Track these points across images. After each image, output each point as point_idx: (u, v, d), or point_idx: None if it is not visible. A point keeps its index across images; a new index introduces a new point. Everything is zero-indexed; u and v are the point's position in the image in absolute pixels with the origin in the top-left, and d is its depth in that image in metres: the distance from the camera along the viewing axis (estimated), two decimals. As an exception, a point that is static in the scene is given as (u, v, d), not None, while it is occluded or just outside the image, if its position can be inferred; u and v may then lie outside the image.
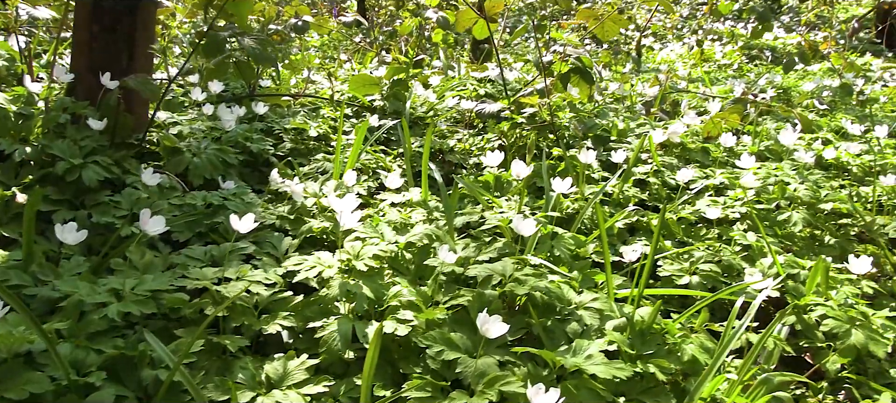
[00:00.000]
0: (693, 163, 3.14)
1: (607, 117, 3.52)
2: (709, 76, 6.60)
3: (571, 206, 2.54)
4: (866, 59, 8.02)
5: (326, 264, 1.82)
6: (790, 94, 5.56)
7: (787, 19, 10.26)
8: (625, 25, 3.69)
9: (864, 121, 4.76)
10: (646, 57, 8.13)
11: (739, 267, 2.25)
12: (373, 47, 6.76)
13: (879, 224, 2.68)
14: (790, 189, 2.65)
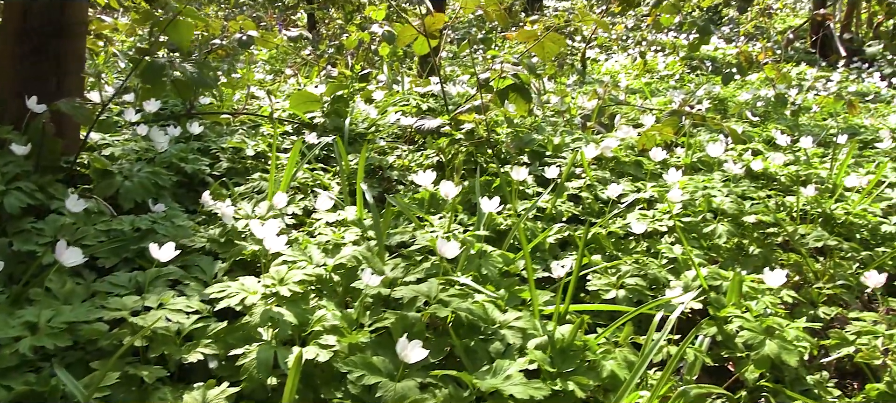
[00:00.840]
0: (626, 177, 3.21)
1: (544, 132, 3.57)
2: (650, 87, 6.76)
3: (504, 223, 2.58)
4: (801, 68, 8.31)
5: (250, 290, 1.81)
6: (726, 105, 5.72)
7: (727, 30, 10.56)
8: (563, 44, 3.76)
9: (795, 130, 4.94)
10: (591, 68, 8.27)
11: (665, 280, 2.31)
12: (319, 62, 6.74)
13: (801, 233, 2.78)
14: (715, 201, 2.73)
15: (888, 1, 8.58)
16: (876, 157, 4.11)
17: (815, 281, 2.68)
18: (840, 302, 2.53)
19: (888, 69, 8.01)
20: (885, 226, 3.02)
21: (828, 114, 5.79)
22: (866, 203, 3.28)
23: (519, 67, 3.44)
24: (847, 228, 3.00)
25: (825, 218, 3.07)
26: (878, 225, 3.02)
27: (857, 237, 2.98)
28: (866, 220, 3.01)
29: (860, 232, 2.99)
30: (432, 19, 3.62)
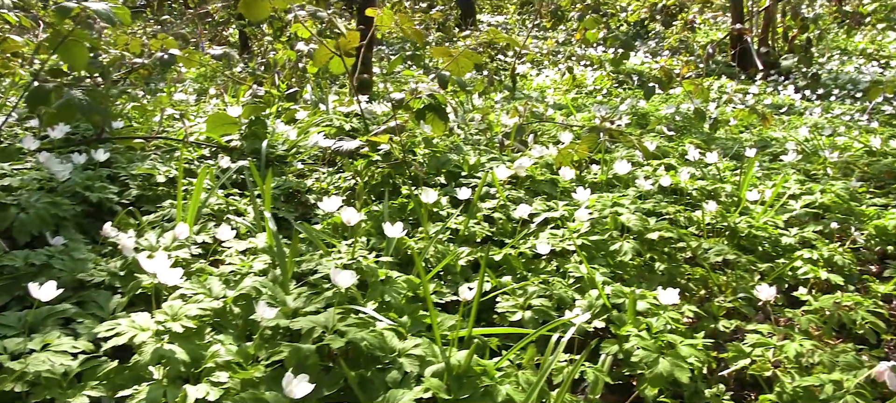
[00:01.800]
0: (541, 196, 3.26)
1: (461, 152, 3.60)
2: (576, 102, 6.90)
3: (416, 246, 2.58)
4: (722, 81, 8.61)
5: (140, 327, 1.77)
6: (648, 120, 5.88)
7: (653, 44, 10.86)
8: (478, 60, 3.80)
9: (710, 144, 5.11)
10: (521, 83, 8.39)
11: (570, 299, 2.36)
12: (246, 80, 6.64)
13: (704, 247, 2.87)
14: (622, 219, 2.80)
15: (801, 16, 8.98)
16: (782, 169, 4.29)
17: (718, 294, 2.78)
18: (740, 314, 2.62)
19: (802, 82, 8.37)
20: (785, 238, 3.15)
21: (743, 126, 6.00)
22: (770, 215, 3.42)
23: (435, 87, 3.46)
24: (750, 241, 3.12)
25: (731, 232, 3.19)
26: (779, 237, 3.15)
27: (760, 249, 3.10)
28: (768, 233, 3.14)
29: (762, 244, 3.11)
30: (346, 39, 3.62)
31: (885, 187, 4.34)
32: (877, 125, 6.26)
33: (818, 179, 4.34)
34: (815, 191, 3.72)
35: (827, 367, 2.24)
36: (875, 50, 10.18)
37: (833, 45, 10.62)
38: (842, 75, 8.71)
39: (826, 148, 4.74)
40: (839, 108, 6.98)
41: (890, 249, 3.40)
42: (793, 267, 2.88)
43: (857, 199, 4.10)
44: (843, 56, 10.11)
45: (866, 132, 5.96)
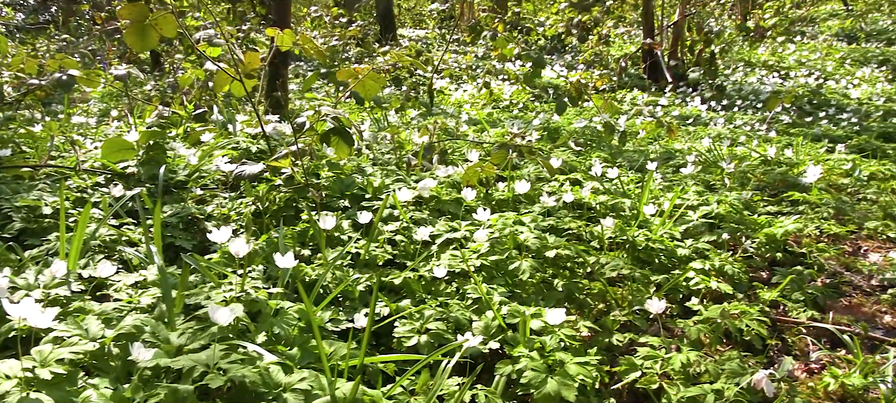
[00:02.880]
0: (446, 216, 3.28)
1: (366, 174, 3.59)
2: (491, 117, 6.98)
3: (313, 274, 2.55)
4: (634, 93, 8.89)
5: (4, 375, 1.67)
6: (559, 133, 6.00)
7: (569, 58, 11.12)
8: (384, 83, 3.80)
9: (618, 158, 5.25)
10: (439, 99, 8.44)
11: (467, 321, 2.37)
12: (153, 101, 6.44)
13: (602, 262, 2.94)
14: (521, 238, 2.84)
15: (706, 32, 9.37)
16: (682, 181, 4.44)
17: (615, 308, 2.85)
18: (634, 327, 2.70)
19: (708, 93, 8.72)
20: (680, 250, 3.26)
21: (651, 138, 6.20)
22: (668, 227, 3.53)
23: (339, 110, 3.44)
24: (647, 253, 3.21)
25: (631, 245, 3.27)
26: (675, 249, 3.26)
27: (657, 261, 3.20)
28: (664, 245, 3.24)
29: (659, 256, 3.21)
30: (248, 58, 3.56)
31: (778, 195, 4.56)
32: (774, 134, 6.57)
33: (716, 189, 4.53)
34: (711, 202, 3.87)
35: (712, 376, 2.33)
36: (776, 62, 10.71)
37: (738, 57, 11.12)
38: (745, 86, 9.12)
39: (725, 158, 4.94)
40: (741, 119, 7.30)
41: (779, 256, 3.56)
42: (686, 277, 2.99)
43: (751, 208, 4.30)
44: (747, 67, 10.59)
45: (764, 141, 6.25)
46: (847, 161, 5.55)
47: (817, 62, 10.89)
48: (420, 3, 18.86)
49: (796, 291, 3.15)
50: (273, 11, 6.98)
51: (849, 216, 4.37)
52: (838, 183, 5.19)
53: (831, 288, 3.40)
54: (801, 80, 9.72)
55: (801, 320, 2.98)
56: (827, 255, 3.71)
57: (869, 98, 8.85)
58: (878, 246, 4.05)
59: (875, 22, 14.46)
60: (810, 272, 3.41)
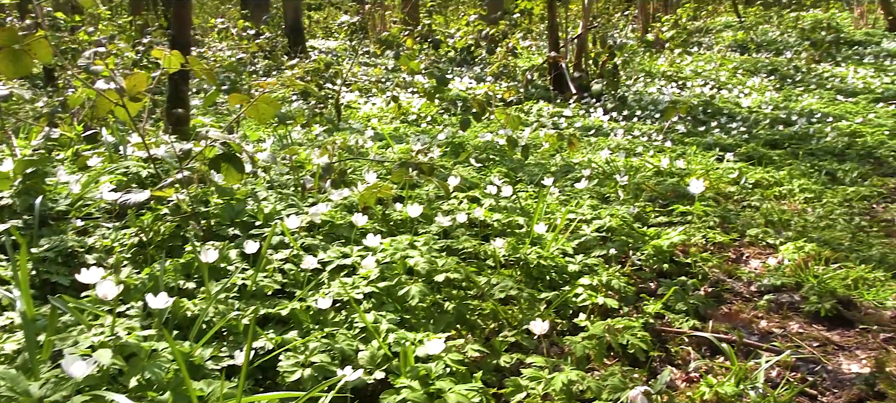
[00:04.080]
0: (340, 240, 3.25)
1: (259, 200, 3.52)
2: (398, 132, 6.99)
3: (194, 309, 2.48)
4: (540, 105, 9.08)
5: None
6: (464, 148, 6.06)
7: (478, 70, 11.27)
8: (278, 108, 3.75)
9: (519, 172, 5.35)
10: (347, 114, 8.39)
11: (353, 352, 2.35)
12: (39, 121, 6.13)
13: (493, 283, 2.99)
14: (410, 262, 2.85)
15: (608, 45, 9.69)
16: (578, 194, 4.56)
17: (506, 328, 2.90)
18: (522, 348, 2.75)
19: (610, 104, 9.01)
20: (571, 266, 3.35)
21: (553, 151, 6.34)
22: (560, 242, 3.62)
23: (230, 135, 3.36)
24: (539, 270, 3.28)
25: (524, 263, 3.34)
26: (566, 265, 3.34)
27: (548, 278, 3.27)
28: (555, 262, 3.32)
29: (550, 273, 3.29)
30: (132, 81, 3.43)
31: (668, 206, 4.75)
32: (670, 144, 6.85)
33: (611, 202, 4.68)
34: (603, 216, 4.00)
35: (595, 392, 2.40)
36: (674, 72, 11.18)
37: (639, 67, 11.54)
38: (645, 96, 9.48)
39: (621, 170, 5.12)
40: (639, 129, 7.57)
41: (666, 267, 3.71)
42: (575, 293, 3.07)
43: (644, 220, 4.46)
44: (647, 78, 11.01)
45: (660, 151, 6.50)
46: (734, 169, 5.84)
47: (712, 72, 11.44)
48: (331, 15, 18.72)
49: (680, 302, 3.29)
50: (172, 25, 6.77)
51: (733, 224, 4.60)
52: (726, 191, 5.47)
53: (713, 296, 3.56)
54: (696, 90, 10.17)
55: (683, 330, 3.11)
56: (711, 264, 3.89)
57: (758, 106, 9.35)
58: (758, 252, 4.28)
59: (765, 33, 15.32)
60: (694, 282, 3.57)
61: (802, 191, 5.62)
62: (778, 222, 4.69)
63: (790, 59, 12.68)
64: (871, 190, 5.99)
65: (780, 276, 3.77)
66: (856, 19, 16.91)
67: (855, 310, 3.49)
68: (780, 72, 11.82)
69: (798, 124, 8.30)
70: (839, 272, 3.88)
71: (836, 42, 14.06)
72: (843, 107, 9.66)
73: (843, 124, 8.45)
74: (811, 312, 3.44)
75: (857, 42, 14.80)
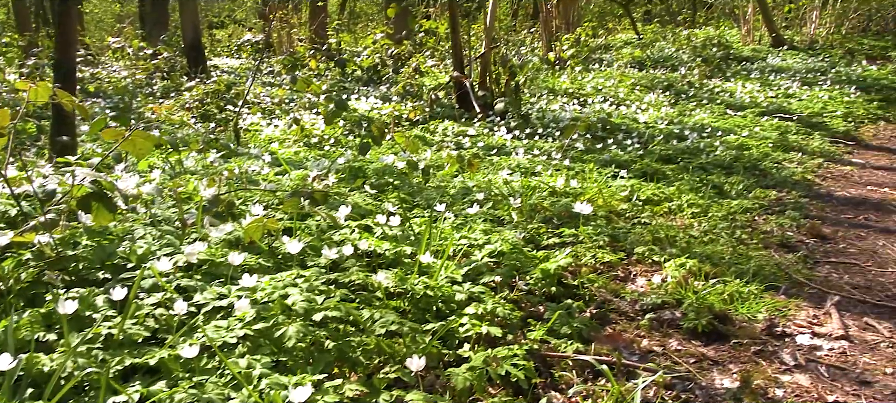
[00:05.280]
0: (220, 279, 3.16)
1: (135, 239, 3.38)
2: (298, 157, 6.88)
3: (51, 363, 2.34)
4: (445, 124, 9.14)
5: None
6: (364, 172, 6.01)
7: (384, 89, 11.26)
8: (154, 142, 3.61)
9: (417, 196, 5.34)
10: (246, 138, 8.20)
11: (224, 400, 2.28)
12: None
13: (375, 318, 2.96)
14: (289, 301, 2.79)
15: (510, 64, 9.87)
16: (471, 219, 4.59)
17: (392, 363, 2.87)
18: (403, 383, 2.73)
19: (513, 122, 9.17)
20: (459, 294, 3.36)
21: (454, 173, 6.37)
22: (450, 270, 3.63)
23: (101, 174, 3.21)
24: (426, 301, 3.27)
25: (411, 294, 3.32)
26: (454, 294, 3.35)
27: (434, 309, 3.27)
28: (442, 291, 3.32)
29: (437, 303, 3.29)
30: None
31: (561, 227, 4.84)
32: (568, 162, 7.00)
33: (505, 225, 4.73)
34: (493, 241, 4.04)
35: (473, 427, 2.40)
36: (576, 89, 11.50)
37: (544, 85, 11.80)
38: (548, 114, 9.69)
39: (516, 192, 5.19)
40: (539, 148, 7.72)
41: (554, 290, 3.78)
42: (461, 323, 3.08)
43: (536, 242, 4.54)
44: (550, 95, 11.27)
45: (557, 170, 6.65)
46: (626, 187, 6.03)
47: (612, 89, 11.83)
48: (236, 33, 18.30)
49: (564, 325, 3.35)
50: (55, 45, 6.44)
51: (622, 242, 4.74)
52: (618, 208, 5.63)
53: (599, 317, 3.65)
54: (597, 107, 10.49)
55: (567, 354, 3.16)
56: (597, 285, 3.99)
57: (654, 122, 9.71)
58: (645, 269, 4.43)
59: (661, 50, 15.99)
60: (579, 304, 3.64)
61: (690, 205, 5.85)
62: (665, 239, 4.85)
63: (684, 75, 13.27)
64: (754, 202, 6.30)
65: (663, 294, 3.91)
66: (744, 36, 17.90)
67: (729, 325, 3.66)
68: (675, 88, 12.35)
69: (690, 139, 8.66)
70: (717, 287, 4.06)
71: (726, 58, 14.83)
72: (732, 120, 10.15)
73: (731, 138, 8.87)
74: (690, 328, 3.58)
75: (745, 58, 15.66)
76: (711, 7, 22.27)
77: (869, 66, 15.30)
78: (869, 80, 13.55)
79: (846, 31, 18.20)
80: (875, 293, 4.41)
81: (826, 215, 6.29)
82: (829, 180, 7.78)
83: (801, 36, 17.99)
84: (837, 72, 13.97)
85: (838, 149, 9.27)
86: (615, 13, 23.80)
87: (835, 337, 3.63)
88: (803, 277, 4.53)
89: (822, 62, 14.98)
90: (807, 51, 16.47)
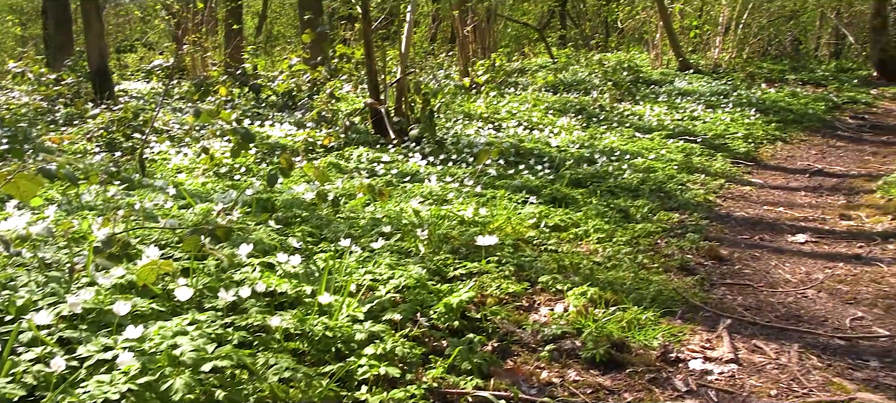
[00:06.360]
0: (108, 328, 3.03)
1: (16, 289, 3.21)
2: (205, 189, 6.71)
3: None
4: (360, 151, 9.10)
5: None
6: (274, 205, 5.92)
7: (299, 115, 11.14)
8: (39, 185, 3.46)
9: (325, 229, 5.29)
10: (153, 168, 7.94)
11: (100, 463, 2.19)
12: None
13: (270, 363, 2.91)
14: (175, 352, 2.71)
15: (424, 91, 9.94)
16: (379, 252, 4.57)
17: (286, 409, 2.82)
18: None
19: (428, 148, 9.22)
20: (358, 334, 3.34)
21: (366, 202, 6.34)
22: (351, 308, 3.60)
23: None
24: (325, 343, 3.24)
25: (310, 337, 3.28)
26: (353, 334, 3.33)
27: (333, 350, 3.24)
28: (342, 332, 3.30)
29: (336, 344, 3.26)
30: None
31: (468, 256, 4.89)
32: (480, 189, 7.08)
33: (412, 257, 4.74)
34: (397, 275, 4.04)
35: (365, 475, 2.39)
36: (491, 114, 11.67)
37: (460, 109, 11.93)
38: (463, 139, 9.78)
39: (423, 224, 5.21)
40: (452, 175, 7.78)
41: (457, 324, 3.80)
42: (359, 364, 3.06)
43: (442, 274, 4.56)
44: (466, 119, 11.40)
45: (470, 197, 6.71)
46: (534, 214, 6.14)
47: (526, 113, 12.07)
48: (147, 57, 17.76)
49: (465, 360, 3.37)
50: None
51: (527, 271, 4.83)
52: (526, 236, 5.73)
53: (500, 351, 3.70)
54: (511, 131, 10.67)
55: (467, 390, 3.19)
56: (500, 316, 4.04)
57: (566, 146, 9.94)
58: (549, 298, 4.51)
59: (575, 73, 16.46)
60: (481, 338, 3.68)
61: (596, 231, 6.00)
62: (569, 266, 4.97)
63: (596, 99, 13.68)
64: (658, 225, 6.53)
65: (564, 324, 4.00)
66: (653, 60, 18.63)
67: (627, 353, 3.77)
68: (587, 111, 12.70)
69: (599, 162, 8.89)
70: (617, 314, 4.18)
71: (636, 81, 15.39)
72: (641, 143, 10.49)
73: (639, 161, 9.15)
74: (588, 358, 3.67)
75: (654, 81, 16.28)
76: (623, 31, 23.11)
77: (768, 88, 16.18)
78: (767, 102, 14.30)
79: (747, 56, 19.21)
80: (765, 313, 4.64)
81: (724, 236, 6.58)
82: (729, 200, 8.14)
83: (707, 60, 18.86)
84: (739, 94, 14.69)
85: (739, 169, 9.72)
86: (531, 37, 24.37)
87: (725, 361, 3.79)
88: (699, 301, 4.73)
89: (725, 85, 15.73)
90: (711, 74, 17.27)
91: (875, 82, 18.48)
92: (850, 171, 9.78)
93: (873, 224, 6.90)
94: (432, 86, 11.70)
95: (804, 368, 3.75)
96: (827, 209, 7.65)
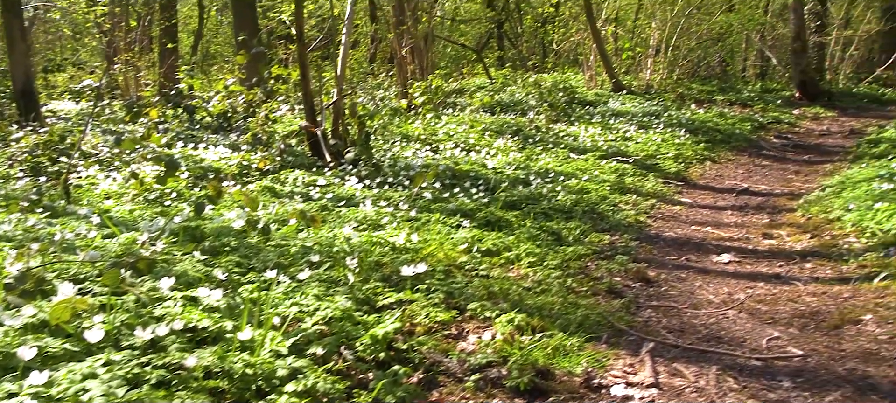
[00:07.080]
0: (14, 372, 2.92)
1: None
2: (132, 216, 6.54)
3: None
4: (296, 174, 9.02)
5: None
6: (202, 233, 5.80)
7: (234, 137, 10.98)
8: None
9: (253, 259, 5.21)
10: (79, 193, 7.70)
11: None
12: None
13: None
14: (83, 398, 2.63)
15: (360, 113, 9.94)
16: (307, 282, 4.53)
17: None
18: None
19: (364, 171, 9.20)
20: (280, 370, 3.30)
21: (298, 228, 6.27)
22: (275, 341, 3.55)
23: None
24: (245, 380, 3.19)
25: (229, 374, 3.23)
26: (275, 371, 3.29)
27: (254, 388, 3.20)
28: (263, 369, 3.25)
29: (257, 382, 3.21)
30: None
31: (398, 285, 4.89)
32: (415, 213, 7.10)
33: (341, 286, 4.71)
34: (324, 307, 4.01)
35: None
36: (428, 135, 11.73)
37: (397, 131, 11.95)
38: (400, 162, 9.80)
39: (352, 251, 5.19)
40: (386, 199, 7.77)
41: (383, 355, 3.80)
42: None
43: (371, 303, 4.55)
44: (404, 141, 11.43)
45: (405, 222, 6.71)
46: (466, 239, 6.19)
47: (463, 134, 12.17)
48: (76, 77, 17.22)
49: (389, 394, 3.37)
50: None
51: (457, 298, 4.85)
52: (458, 261, 5.76)
53: (426, 382, 3.71)
54: (448, 153, 10.74)
55: (390, 425, 3.18)
56: (428, 346, 4.06)
57: (502, 167, 10.05)
58: (477, 326, 4.54)
59: (512, 94, 16.70)
60: (407, 369, 3.68)
61: (528, 255, 6.07)
62: (499, 292, 5.02)
63: (532, 120, 13.89)
64: (588, 248, 6.66)
65: (491, 352, 4.03)
66: (587, 81, 19.05)
67: (551, 380, 3.83)
68: (524, 133, 12.88)
69: (534, 184, 9.01)
70: (543, 341, 4.24)
71: (571, 102, 15.71)
72: (575, 164, 10.67)
73: (572, 182, 9.31)
74: (513, 387, 3.71)
75: (589, 102, 16.64)
76: (559, 53, 23.58)
77: (697, 109, 16.72)
78: (697, 123, 14.78)
79: (678, 77, 19.82)
80: (687, 336, 4.78)
81: (653, 257, 6.76)
82: (659, 221, 8.36)
83: (639, 81, 19.39)
84: (670, 115, 15.13)
85: (669, 189, 10.00)
86: (469, 58, 24.64)
87: (646, 386, 3.89)
88: (625, 324, 4.84)
89: (657, 106, 16.18)
90: (643, 95, 17.75)
91: (797, 102, 19.32)
92: (775, 190, 10.18)
93: (793, 242, 7.20)
94: (369, 108, 11.70)
95: (721, 391, 3.88)
96: (751, 228, 7.94)
